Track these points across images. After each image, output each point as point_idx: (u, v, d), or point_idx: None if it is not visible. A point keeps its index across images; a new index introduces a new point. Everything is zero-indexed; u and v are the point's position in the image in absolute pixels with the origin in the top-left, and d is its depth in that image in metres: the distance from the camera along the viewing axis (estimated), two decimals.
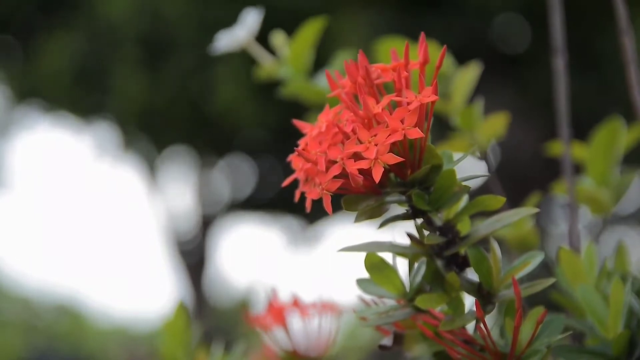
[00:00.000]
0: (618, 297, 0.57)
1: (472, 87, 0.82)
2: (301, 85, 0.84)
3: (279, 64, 0.86)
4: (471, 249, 0.54)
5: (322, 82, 0.85)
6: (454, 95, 0.82)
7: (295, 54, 0.85)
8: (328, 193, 0.51)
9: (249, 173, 5.24)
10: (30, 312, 7.01)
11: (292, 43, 0.85)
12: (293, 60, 0.85)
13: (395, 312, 0.56)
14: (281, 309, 0.79)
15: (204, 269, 5.76)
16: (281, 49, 0.86)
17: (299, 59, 0.85)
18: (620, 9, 0.76)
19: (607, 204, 0.80)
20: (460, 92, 0.82)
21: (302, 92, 0.85)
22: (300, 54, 0.85)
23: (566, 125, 0.80)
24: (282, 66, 0.86)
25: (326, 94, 0.82)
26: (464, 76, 0.81)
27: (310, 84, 0.85)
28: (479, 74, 0.81)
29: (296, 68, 0.85)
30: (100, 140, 4.88)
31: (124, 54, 3.95)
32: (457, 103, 0.82)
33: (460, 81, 0.81)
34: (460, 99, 0.82)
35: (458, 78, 0.81)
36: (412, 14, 3.63)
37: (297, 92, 0.85)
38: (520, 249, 0.83)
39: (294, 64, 0.85)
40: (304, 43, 0.85)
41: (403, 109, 0.50)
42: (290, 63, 0.85)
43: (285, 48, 0.86)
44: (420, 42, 0.54)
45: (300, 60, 0.85)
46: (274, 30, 0.87)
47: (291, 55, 0.85)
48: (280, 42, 0.86)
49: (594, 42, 3.53)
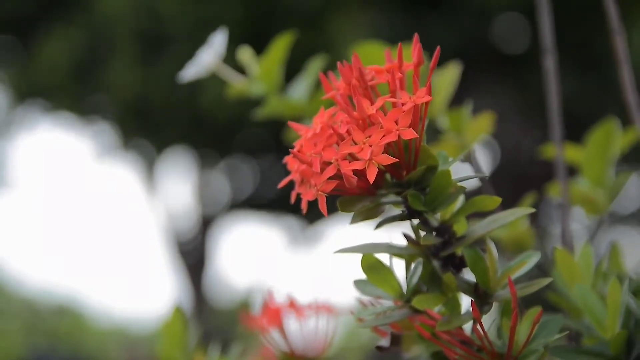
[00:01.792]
0: (615, 297, 0.57)
1: (454, 87, 0.81)
2: (276, 103, 0.84)
3: (249, 82, 0.85)
4: (467, 249, 0.55)
5: (296, 94, 0.84)
6: (435, 96, 0.81)
7: (266, 72, 0.84)
8: (323, 194, 0.51)
9: (249, 173, 5.24)
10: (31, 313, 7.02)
11: (263, 60, 0.84)
12: (264, 78, 0.84)
13: (393, 313, 0.56)
14: (278, 310, 0.79)
15: (203, 269, 5.76)
16: (249, 66, 0.85)
17: (271, 76, 0.84)
18: (611, 9, 0.76)
19: (602, 204, 0.80)
20: (441, 93, 0.81)
21: (278, 110, 0.84)
22: (271, 71, 0.84)
23: (558, 125, 0.80)
24: (252, 84, 0.85)
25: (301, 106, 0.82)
26: (444, 76, 0.81)
27: (285, 100, 0.84)
28: (459, 74, 0.80)
29: (268, 86, 0.84)
30: (100, 140, 4.89)
31: (121, 49, 3.95)
32: (438, 104, 0.81)
33: (440, 82, 0.81)
34: (441, 99, 0.81)
35: (438, 78, 0.81)
36: (413, 13, 3.63)
37: (274, 111, 0.84)
38: (515, 249, 0.83)
39: (266, 82, 0.84)
40: (274, 59, 0.84)
41: (397, 110, 0.51)
42: (262, 81, 0.84)
43: (253, 65, 0.85)
44: (414, 43, 0.54)
45: (272, 78, 0.84)
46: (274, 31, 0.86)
47: (262, 73, 0.84)
48: (248, 58, 0.85)
49: (594, 43, 3.52)
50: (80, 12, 4.09)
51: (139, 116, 4.23)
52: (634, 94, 0.75)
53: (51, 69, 4.15)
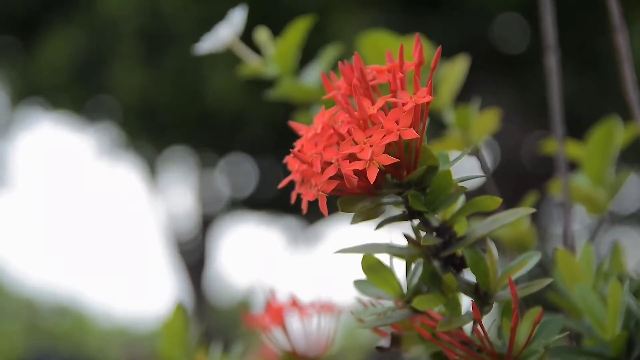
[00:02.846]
0: (616, 297, 0.57)
1: (461, 80, 0.80)
2: (289, 86, 0.83)
3: (264, 63, 0.84)
4: (468, 249, 0.54)
5: (309, 79, 0.84)
6: (441, 90, 0.81)
7: (282, 54, 0.83)
8: (324, 194, 0.51)
9: (249, 172, 5.24)
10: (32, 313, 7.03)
11: (279, 42, 0.83)
12: (279, 60, 0.83)
13: (393, 314, 0.56)
14: (280, 309, 0.79)
15: (204, 269, 5.76)
16: (265, 47, 0.84)
17: (286, 59, 0.83)
18: (612, 7, 0.76)
19: (603, 203, 0.80)
20: (448, 87, 0.80)
21: (290, 93, 0.83)
22: (287, 53, 0.83)
23: (560, 123, 0.79)
24: (268, 65, 0.84)
25: (314, 91, 0.82)
26: (451, 70, 0.80)
27: (298, 83, 0.83)
28: (467, 68, 0.80)
29: (283, 68, 0.83)
30: (101, 140, 4.89)
31: (123, 48, 3.95)
32: (445, 98, 0.81)
33: (447, 75, 0.80)
34: (448, 93, 0.81)
35: (445, 72, 0.80)
36: (413, 13, 3.63)
37: (286, 93, 0.84)
38: (516, 249, 0.83)
39: (281, 64, 0.83)
40: (290, 42, 0.83)
41: (398, 109, 0.50)
42: (277, 62, 0.83)
43: (269, 46, 0.84)
44: (416, 43, 0.54)
45: (287, 60, 0.83)
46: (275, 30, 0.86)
47: (277, 55, 0.83)
48: (264, 39, 0.84)
49: (595, 42, 3.52)
50: (81, 12, 4.09)
51: (142, 116, 4.23)
52: (635, 92, 0.75)
53: (52, 70, 4.14)
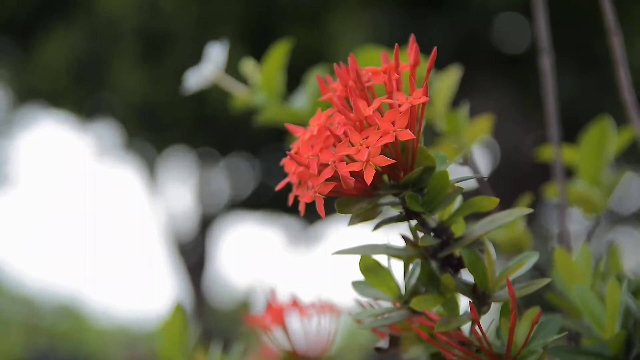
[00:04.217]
0: (615, 297, 0.57)
1: (454, 90, 0.81)
2: (275, 111, 0.83)
3: (252, 92, 0.85)
4: (466, 250, 0.54)
5: (297, 103, 0.84)
6: (435, 99, 0.81)
7: (267, 79, 0.84)
8: (320, 196, 0.51)
9: (249, 173, 5.24)
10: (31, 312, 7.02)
11: (262, 68, 0.84)
12: (265, 86, 0.84)
13: (391, 314, 0.56)
14: (280, 309, 0.79)
15: (203, 269, 5.76)
16: (252, 76, 0.85)
17: (271, 83, 0.84)
18: (607, 10, 0.76)
19: (599, 204, 0.80)
20: (442, 96, 0.81)
21: (276, 117, 0.84)
22: (271, 78, 0.84)
23: (555, 125, 0.80)
24: (255, 93, 0.85)
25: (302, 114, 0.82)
26: (445, 80, 0.81)
27: (284, 108, 0.84)
28: (461, 77, 0.80)
29: (269, 93, 0.84)
30: (101, 140, 4.89)
31: (122, 48, 3.95)
32: (440, 107, 0.81)
33: (441, 85, 0.81)
34: (442, 103, 0.81)
35: (438, 82, 0.81)
36: (413, 13, 3.63)
37: (272, 118, 0.84)
38: (513, 250, 0.83)
39: (267, 89, 0.84)
40: (273, 66, 0.83)
41: (394, 111, 0.50)
42: (263, 89, 0.84)
43: (256, 74, 0.84)
44: (410, 44, 0.54)
45: (272, 85, 0.84)
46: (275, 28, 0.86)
47: (263, 81, 0.84)
48: (250, 69, 0.85)
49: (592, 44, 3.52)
50: (81, 13, 4.09)
51: (142, 115, 4.23)
52: (630, 94, 0.75)
53: (52, 70, 4.14)
